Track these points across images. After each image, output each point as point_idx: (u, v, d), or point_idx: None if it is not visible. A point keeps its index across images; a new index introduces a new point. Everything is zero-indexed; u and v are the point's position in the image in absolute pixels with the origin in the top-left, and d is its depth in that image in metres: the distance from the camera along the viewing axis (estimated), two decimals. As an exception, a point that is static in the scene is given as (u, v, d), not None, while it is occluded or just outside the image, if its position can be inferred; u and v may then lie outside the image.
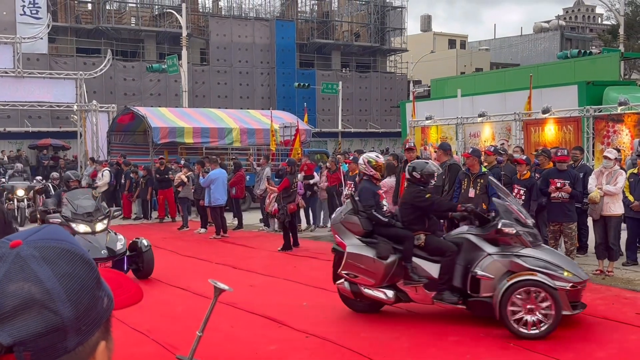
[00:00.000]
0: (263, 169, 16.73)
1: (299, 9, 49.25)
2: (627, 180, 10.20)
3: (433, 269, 7.31)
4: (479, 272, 7.07)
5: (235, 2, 46.78)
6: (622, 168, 10.77)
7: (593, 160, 14.88)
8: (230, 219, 16.35)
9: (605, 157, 10.11)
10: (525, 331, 6.64)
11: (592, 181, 9.95)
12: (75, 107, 26.65)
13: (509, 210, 7.46)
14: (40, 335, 0.90)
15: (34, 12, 37.15)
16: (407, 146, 11.71)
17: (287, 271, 10.68)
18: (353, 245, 7.58)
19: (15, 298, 0.90)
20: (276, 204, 13.31)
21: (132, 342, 6.64)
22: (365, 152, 10.87)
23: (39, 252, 0.94)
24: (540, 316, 6.66)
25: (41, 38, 32.66)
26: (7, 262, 0.93)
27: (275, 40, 44.45)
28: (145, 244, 10.22)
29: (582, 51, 32.27)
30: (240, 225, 16.40)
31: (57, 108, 28.42)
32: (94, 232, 9.81)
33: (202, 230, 15.80)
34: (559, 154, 10.26)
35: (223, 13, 46.48)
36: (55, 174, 18.38)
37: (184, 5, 33.37)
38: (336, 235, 7.84)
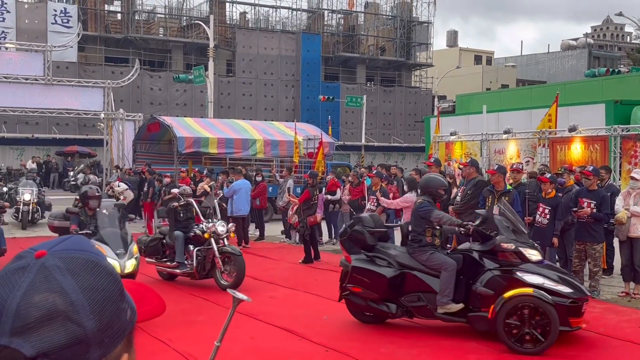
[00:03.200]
0: (286, 181, 16.77)
1: (325, 23, 49.49)
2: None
3: None
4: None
5: (262, 14, 47.23)
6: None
7: (620, 180, 14.67)
8: (252, 229, 16.37)
9: (632, 178, 9.95)
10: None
11: (619, 202, 9.80)
12: (102, 115, 26.99)
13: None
14: (63, 347, 0.89)
15: (65, 21, 37.84)
16: (430, 161, 11.67)
17: (307, 284, 10.64)
18: None
19: (39, 309, 0.89)
20: (296, 217, 13.28)
21: (152, 351, 6.66)
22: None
23: (63, 263, 0.94)
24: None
25: (71, 47, 33.23)
26: (32, 273, 0.92)
27: (300, 53, 44.69)
28: None
29: (611, 69, 31.94)
30: (262, 236, 16.42)
31: (85, 116, 28.80)
32: None
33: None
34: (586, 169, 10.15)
35: (250, 25, 46.89)
36: (188, 189, 11.98)
37: (211, 17, 33.71)
38: None
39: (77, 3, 39.53)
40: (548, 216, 9.81)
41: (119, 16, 44.29)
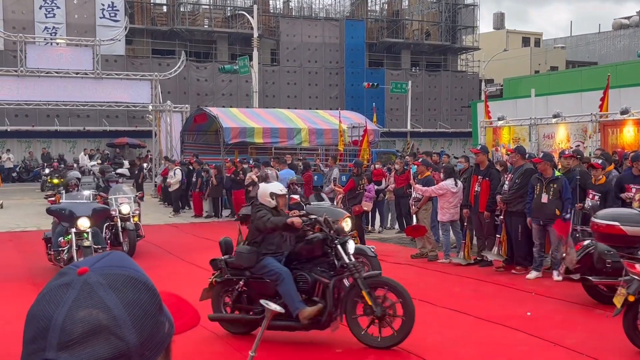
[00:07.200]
0: (331, 170, 16.79)
1: (369, 8, 49.13)
2: None
3: None
4: None
5: (306, 2, 47.16)
6: None
7: (675, 163, 14.21)
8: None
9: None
10: None
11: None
12: (150, 107, 27.50)
13: None
14: None
15: (112, 15, 38.55)
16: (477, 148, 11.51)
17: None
18: None
19: (84, 324, 0.93)
20: (342, 206, 13.27)
21: (201, 340, 6.79)
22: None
23: (105, 280, 0.98)
24: None
25: (119, 40, 33.90)
26: (76, 289, 0.97)
27: (344, 40, 44.53)
28: None
29: (665, 48, 30.85)
30: (308, 225, 16.48)
31: (133, 108, 29.43)
32: None
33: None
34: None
35: (293, 14, 46.91)
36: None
37: (255, 6, 33.87)
38: None
39: (123, -3, 40.21)
40: (598, 202, 9.60)
41: (164, 8, 44.88)
